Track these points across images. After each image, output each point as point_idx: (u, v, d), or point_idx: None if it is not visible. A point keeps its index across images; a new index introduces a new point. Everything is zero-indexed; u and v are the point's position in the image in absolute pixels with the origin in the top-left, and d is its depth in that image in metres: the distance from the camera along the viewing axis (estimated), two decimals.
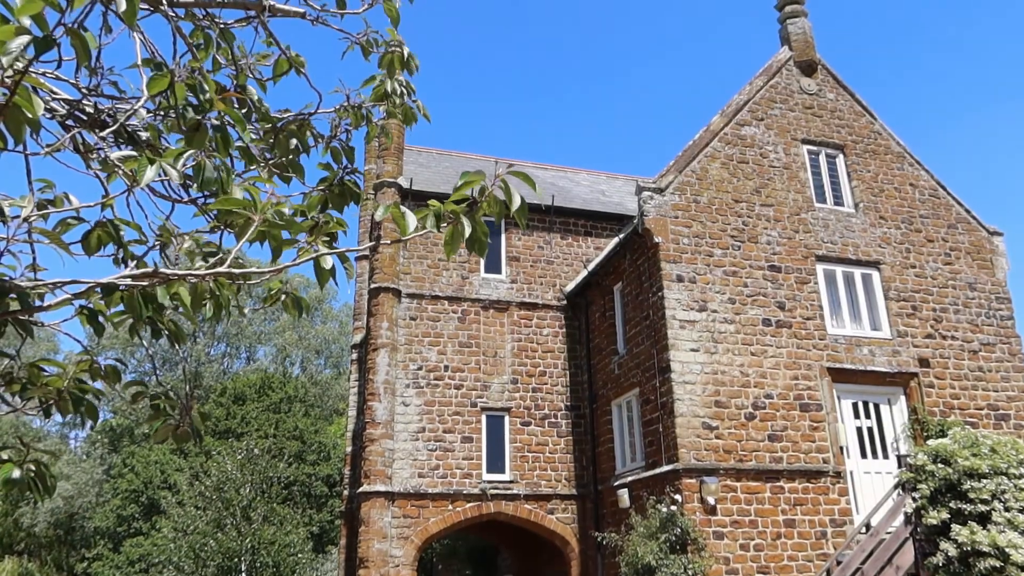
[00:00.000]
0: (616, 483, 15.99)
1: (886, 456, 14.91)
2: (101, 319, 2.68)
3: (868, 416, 15.14)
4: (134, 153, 2.39)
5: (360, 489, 16.47)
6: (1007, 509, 12.29)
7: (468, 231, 2.17)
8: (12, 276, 2.47)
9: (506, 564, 22.91)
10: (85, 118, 2.92)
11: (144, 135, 2.89)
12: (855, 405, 15.11)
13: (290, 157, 2.91)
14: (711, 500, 13.29)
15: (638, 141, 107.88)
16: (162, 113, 2.95)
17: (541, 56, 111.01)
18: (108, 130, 2.57)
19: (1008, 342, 16.41)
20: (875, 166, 17.28)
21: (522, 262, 19.23)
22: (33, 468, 2.59)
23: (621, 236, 16.91)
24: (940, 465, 12.78)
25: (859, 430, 15.01)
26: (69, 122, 2.92)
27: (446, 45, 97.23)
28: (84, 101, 2.90)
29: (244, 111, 2.85)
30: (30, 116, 2.13)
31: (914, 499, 12.87)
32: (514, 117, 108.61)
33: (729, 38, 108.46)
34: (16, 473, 2.56)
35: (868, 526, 13.18)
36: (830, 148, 17.23)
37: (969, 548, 11.93)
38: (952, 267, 16.79)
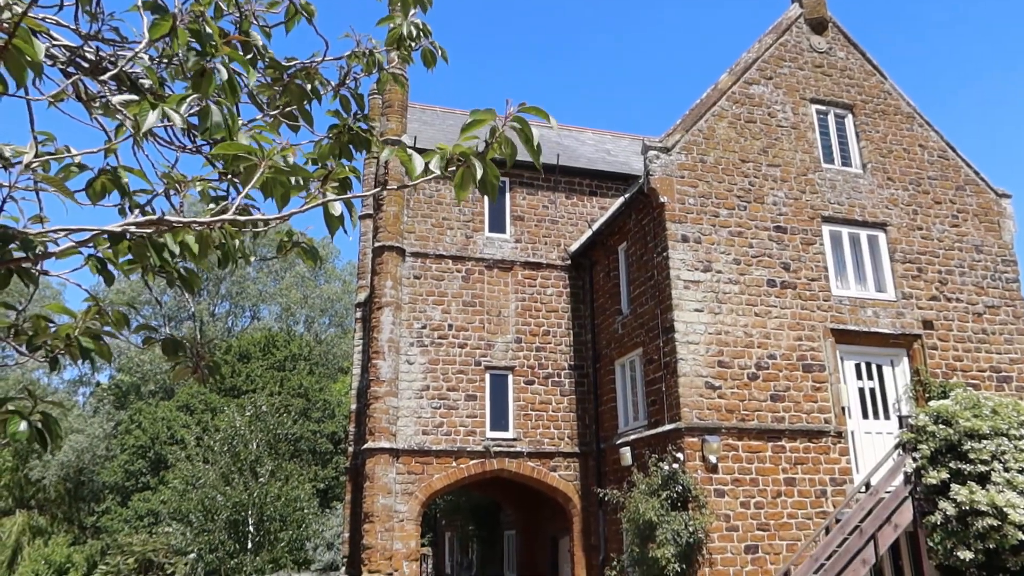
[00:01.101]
0: (619, 441, 16.12)
1: (887, 417, 14.99)
2: (110, 267, 2.65)
3: (871, 377, 15.19)
4: (136, 98, 2.34)
5: (365, 446, 16.64)
6: (1007, 469, 12.39)
7: (479, 173, 2.11)
8: (16, 227, 2.45)
9: (509, 520, 23.25)
10: (87, 65, 2.87)
11: (147, 83, 2.84)
12: (858, 366, 15.15)
13: (298, 105, 2.85)
14: (713, 458, 13.41)
15: (644, 102, 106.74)
16: (166, 61, 2.89)
17: (544, 15, 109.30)
18: (109, 74, 2.51)
19: (1013, 305, 16.38)
20: (884, 126, 17.08)
21: (526, 221, 19.15)
22: (40, 420, 2.58)
23: (626, 196, 16.80)
24: (941, 426, 12.86)
25: (861, 391, 15.07)
26: (70, 69, 2.86)
27: (446, 2, 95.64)
28: (85, 47, 2.85)
29: (249, 57, 2.79)
30: (31, 59, 2.09)
31: (914, 459, 12.98)
32: (518, 77, 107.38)
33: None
34: (23, 426, 2.54)
35: (868, 485, 13.32)
36: (839, 108, 17.01)
37: (968, 507, 12.06)
38: (959, 229, 16.68)
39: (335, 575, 26.84)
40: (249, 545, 21.60)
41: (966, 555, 12.06)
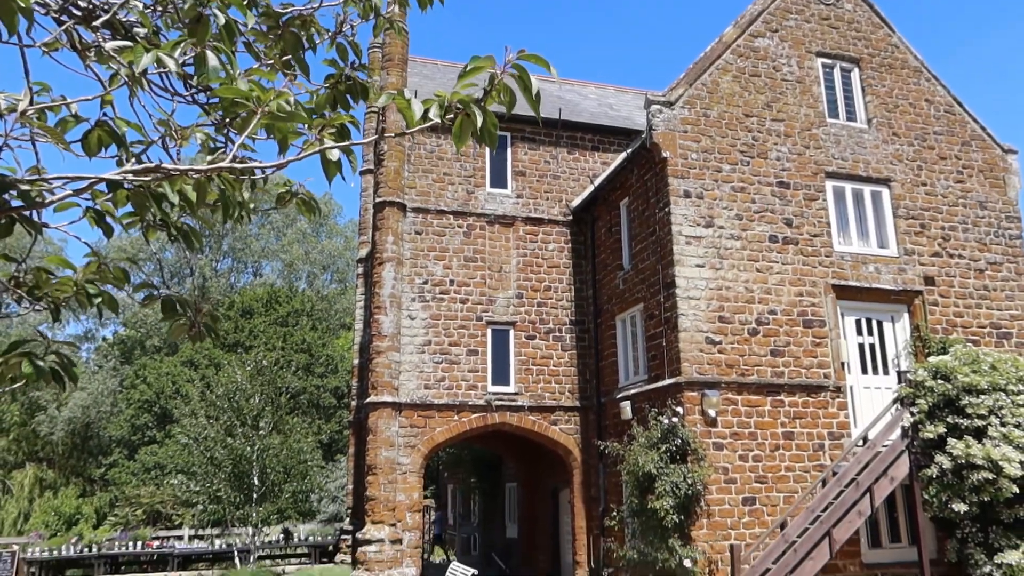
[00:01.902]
0: (619, 396, 16.25)
1: (886, 372, 15.08)
2: (109, 220, 2.64)
3: (871, 333, 15.24)
4: (130, 44, 2.31)
5: (367, 400, 16.80)
6: (1003, 424, 12.52)
7: (479, 122, 2.08)
8: (14, 177, 2.43)
9: (510, 472, 23.57)
10: (79, 13, 2.82)
11: (142, 31, 2.80)
12: (858, 322, 15.19)
13: (294, 54, 2.81)
14: (712, 412, 13.53)
15: (648, 56, 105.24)
16: (160, 9, 2.85)
17: None
18: (101, 20, 2.47)
19: (1015, 261, 16.35)
20: (891, 81, 16.85)
21: (528, 177, 19.04)
22: (56, 360, 2.59)
23: (629, 151, 16.67)
24: (940, 381, 12.95)
25: (861, 346, 15.13)
26: (63, 18, 2.82)
27: None
28: None
29: (245, 2, 2.75)
30: (23, 6, 2.06)
31: (912, 414, 13.11)
32: (520, 31, 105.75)
33: None
34: (38, 366, 2.55)
35: (865, 439, 13.46)
36: (845, 61, 16.76)
37: (963, 461, 12.21)
38: (963, 185, 16.57)
39: (339, 526, 27.33)
40: (254, 497, 21.96)
41: (960, 507, 12.25)
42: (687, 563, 12.60)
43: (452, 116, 2.18)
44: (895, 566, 13.85)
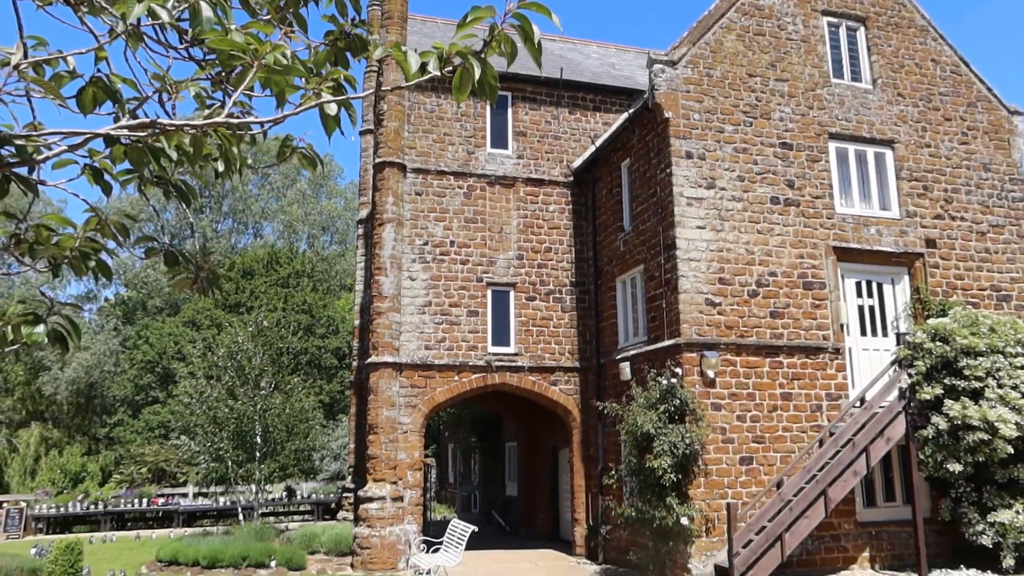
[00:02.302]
0: (618, 356, 16.33)
1: (886, 334, 15.13)
2: (107, 178, 2.63)
3: (871, 295, 15.27)
4: None
5: (368, 360, 16.89)
6: (1000, 386, 12.60)
7: (478, 74, 2.04)
8: (10, 134, 2.41)
9: (510, 432, 23.80)
10: None
11: None
12: (858, 284, 15.20)
13: (292, 9, 2.77)
14: (711, 373, 13.62)
15: (652, 14, 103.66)
16: None
17: None
18: None
19: (1017, 224, 16.30)
20: (897, 40, 16.62)
21: (529, 137, 18.89)
22: (61, 322, 2.59)
23: (630, 111, 16.52)
24: (938, 343, 13.01)
25: (860, 309, 15.17)
26: None
27: None
28: None
29: None
30: None
31: (910, 375, 13.20)
32: None
33: None
34: (39, 328, 2.55)
35: (863, 400, 13.57)
36: (851, 20, 16.52)
37: (960, 422, 12.32)
38: (968, 147, 16.45)
39: (342, 484, 27.69)
40: (257, 455, 22.19)
41: (955, 467, 12.40)
42: (684, 521, 12.78)
43: (451, 70, 2.14)
44: (889, 524, 14.05)
